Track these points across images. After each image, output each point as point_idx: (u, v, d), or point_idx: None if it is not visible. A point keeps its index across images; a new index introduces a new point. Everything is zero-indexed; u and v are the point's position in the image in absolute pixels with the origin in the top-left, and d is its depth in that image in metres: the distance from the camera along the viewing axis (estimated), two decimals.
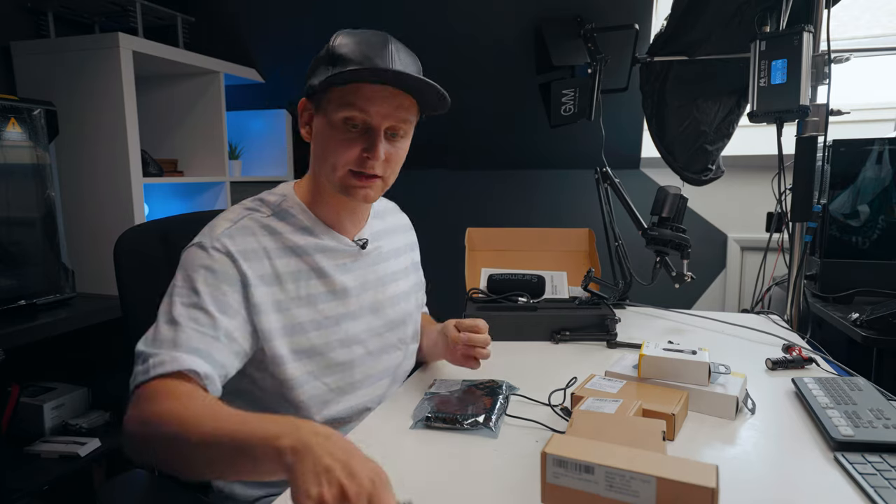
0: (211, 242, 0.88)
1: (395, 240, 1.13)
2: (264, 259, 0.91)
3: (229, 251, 0.87)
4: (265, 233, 0.93)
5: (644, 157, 2.38)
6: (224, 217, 0.93)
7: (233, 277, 0.87)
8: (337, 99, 0.89)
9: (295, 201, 0.98)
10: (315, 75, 0.92)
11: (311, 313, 0.94)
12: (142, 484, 0.96)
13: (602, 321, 1.32)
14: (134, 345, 0.84)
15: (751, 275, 2.28)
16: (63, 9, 1.94)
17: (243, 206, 0.97)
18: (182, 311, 0.82)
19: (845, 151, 1.75)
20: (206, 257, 0.87)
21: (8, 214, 1.59)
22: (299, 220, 0.96)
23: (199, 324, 0.82)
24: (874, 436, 0.79)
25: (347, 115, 0.89)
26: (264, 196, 0.99)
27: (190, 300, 0.84)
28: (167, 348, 0.79)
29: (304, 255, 0.95)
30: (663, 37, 1.76)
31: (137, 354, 0.81)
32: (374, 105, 0.88)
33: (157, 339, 0.81)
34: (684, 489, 0.57)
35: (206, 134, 2.23)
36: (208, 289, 0.85)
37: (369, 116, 0.89)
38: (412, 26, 2.07)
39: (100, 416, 1.85)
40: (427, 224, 1.20)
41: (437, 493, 0.73)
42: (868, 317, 1.44)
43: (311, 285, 0.95)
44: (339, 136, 0.90)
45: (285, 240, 0.94)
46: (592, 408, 0.84)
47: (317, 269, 0.96)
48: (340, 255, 0.99)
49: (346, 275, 0.99)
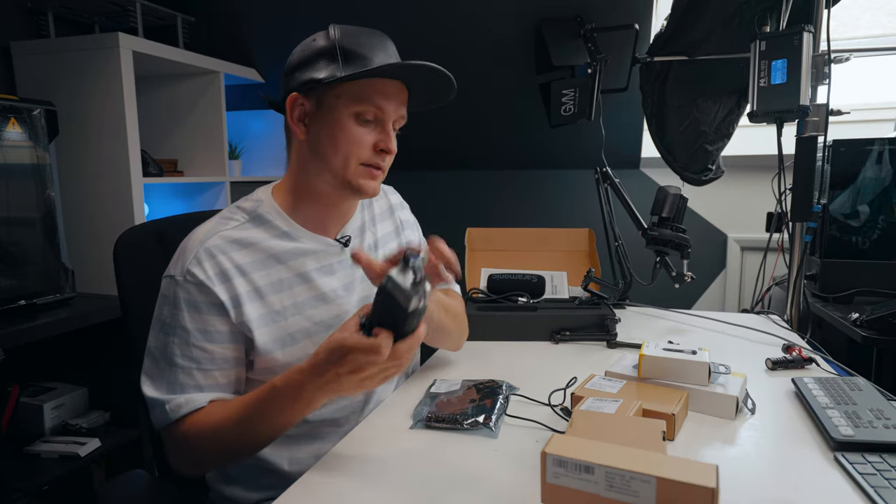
0: (182, 274, 0.87)
1: (383, 226, 1.09)
2: (239, 277, 0.89)
3: (200, 281, 0.86)
4: (237, 248, 0.90)
5: (644, 157, 2.38)
6: (195, 236, 0.90)
7: (211, 305, 0.87)
8: (349, 94, 0.88)
9: (272, 206, 0.94)
10: (315, 70, 0.88)
11: (300, 321, 0.92)
12: (142, 484, 0.97)
13: (602, 321, 1.32)
14: (135, 345, 0.85)
15: (751, 275, 2.28)
16: (63, 9, 1.94)
17: (217, 218, 0.94)
18: (177, 351, 0.86)
19: (845, 151, 1.75)
20: (182, 292, 0.87)
21: (8, 214, 1.59)
22: (276, 225, 0.93)
23: (198, 362, 0.86)
24: (874, 436, 0.79)
25: (361, 109, 0.88)
26: (240, 203, 0.96)
27: (181, 338, 0.86)
28: (178, 392, 0.86)
29: (284, 261, 0.93)
30: (663, 37, 1.76)
31: (149, 401, 0.87)
32: (388, 100, 0.89)
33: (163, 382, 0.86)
34: (684, 489, 0.57)
35: (206, 134, 2.23)
36: (194, 324, 0.86)
37: (383, 111, 0.89)
38: (412, 26, 2.07)
39: (100, 416, 1.85)
40: (427, 224, 1.20)
41: (436, 492, 0.73)
42: (868, 317, 1.44)
43: (296, 293, 0.93)
44: (351, 132, 0.89)
45: (262, 249, 0.91)
46: (592, 408, 0.84)
47: (300, 274, 0.93)
48: (323, 257, 0.96)
49: (331, 276, 0.96)
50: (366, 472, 0.79)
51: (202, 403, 0.85)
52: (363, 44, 0.89)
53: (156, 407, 0.86)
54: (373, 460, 0.82)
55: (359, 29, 0.91)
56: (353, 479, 0.77)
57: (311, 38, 0.92)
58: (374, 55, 0.88)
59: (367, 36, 0.91)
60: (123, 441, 1.79)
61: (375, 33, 0.92)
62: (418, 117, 1.00)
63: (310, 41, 0.91)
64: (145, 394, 0.87)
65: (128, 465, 1.85)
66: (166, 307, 0.88)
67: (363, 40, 0.89)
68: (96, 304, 1.71)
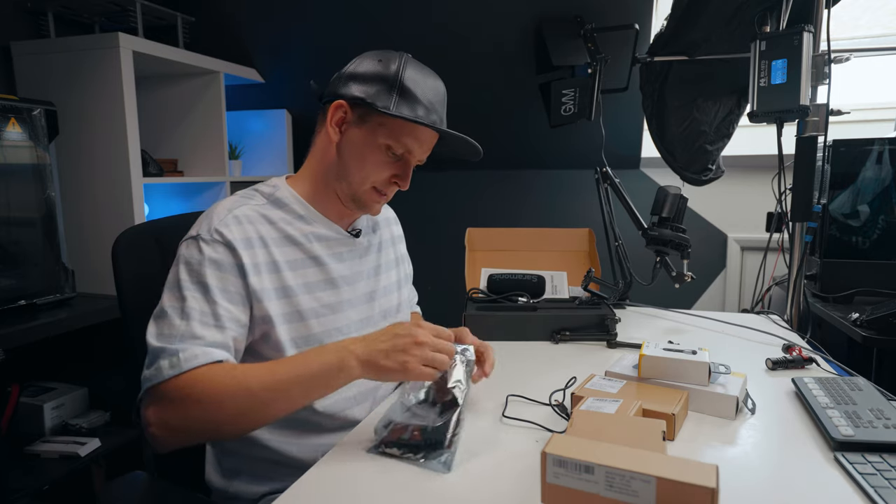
0: (210, 234, 0.88)
1: (383, 232, 1.16)
2: (262, 247, 0.92)
3: (227, 241, 0.88)
4: (263, 221, 0.94)
5: (644, 157, 2.38)
6: (221, 206, 0.94)
7: (234, 266, 0.88)
8: (390, 127, 0.93)
9: (289, 191, 0.99)
10: (370, 90, 0.92)
11: (309, 301, 0.95)
12: (142, 485, 0.96)
13: (602, 321, 1.32)
14: (134, 345, 0.84)
15: (751, 275, 2.28)
16: (63, 9, 1.94)
17: (239, 195, 0.98)
18: (195, 306, 0.84)
19: (845, 151, 1.75)
20: (208, 249, 0.87)
21: (8, 214, 1.59)
22: (293, 209, 0.98)
23: (215, 317, 0.84)
24: (874, 436, 0.79)
25: (394, 144, 0.94)
26: (257, 186, 1.01)
27: (201, 294, 0.85)
28: (189, 342, 0.81)
29: (300, 243, 0.97)
30: (663, 37, 1.76)
31: (156, 351, 0.81)
32: (420, 146, 0.97)
33: (174, 333, 0.82)
34: (684, 489, 0.57)
35: (206, 134, 2.23)
36: (217, 282, 0.86)
37: (412, 154, 0.97)
38: (412, 26, 2.07)
39: (100, 416, 1.85)
40: (427, 224, 1.21)
41: (436, 492, 0.73)
42: (868, 317, 1.44)
43: (308, 273, 0.97)
44: (377, 158, 0.95)
45: (281, 228, 0.95)
46: (592, 408, 0.84)
47: (313, 257, 0.98)
48: (335, 244, 1.01)
49: (341, 264, 1.01)
50: (375, 463, 0.79)
51: (218, 357, 0.81)
52: (420, 84, 0.94)
53: (163, 356, 0.80)
54: (380, 454, 0.81)
55: (422, 67, 0.96)
56: (362, 471, 0.77)
57: (380, 54, 0.95)
58: (424, 101, 0.94)
59: (430, 78, 0.96)
60: (123, 441, 1.79)
61: (434, 77, 0.98)
62: None
63: (377, 59, 0.95)
64: (151, 344, 0.82)
65: (128, 466, 1.85)
66: (185, 267, 0.87)
67: (422, 81, 0.94)
68: (96, 304, 1.71)
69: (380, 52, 0.96)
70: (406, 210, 1.27)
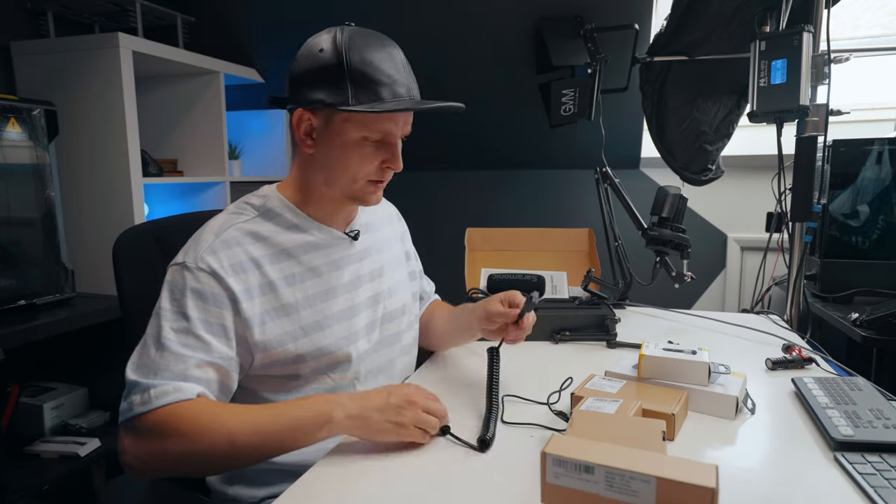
0: (195, 262, 0.85)
1: (385, 230, 1.13)
2: (255, 269, 0.89)
3: (213, 270, 0.85)
4: (252, 240, 0.91)
5: (644, 157, 2.38)
6: (209, 228, 0.91)
7: (221, 297, 0.85)
8: (359, 120, 0.88)
9: (280, 200, 0.95)
10: (322, 90, 0.86)
11: (311, 315, 0.93)
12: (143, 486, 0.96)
13: (602, 321, 1.32)
14: (134, 345, 0.84)
15: (751, 275, 2.28)
16: (63, 9, 1.94)
17: (228, 212, 0.95)
18: (172, 337, 0.81)
19: (845, 151, 1.75)
20: (191, 279, 0.85)
21: (8, 214, 1.59)
22: (286, 218, 0.94)
23: (193, 350, 0.82)
24: (874, 436, 0.79)
25: (369, 134, 0.89)
26: (247, 198, 0.97)
27: (180, 325, 0.83)
28: (166, 378, 0.79)
29: (296, 255, 0.94)
30: (663, 37, 1.76)
31: (130, 384, 0.80)
32: (397, 125, 0.91)
33: (151, 366, 0.80)
34: (684, 489, 0.57)
35: (206, 134, 2.23)
36: (198, 313, 0.83)
37: (391, 134, 0.91)
38: (412, 26, 2.07)
39: (99, 416, 1.85)
40: (427, 224, 1.21)
41: (436, 492, 0.73)
42: (868, 317, 1.44)
43: (308, 286, 0.94)
44: (359, 153, 0.90)
45: (274, 243, 0.92)
46: (592, 408, 0.84)
47: (311, 268, 0.95)
48: (333, 251, 0.98)
49: (341, 271, 0.98)
50: (373, 466, 0.79)
51: (190, 395, 0.79)
52: (371, 63, 0.86)
53: (136, 391, 0.79)
54: (379, 455, 0.81)
55: (366, 39, 0.88)
56: (360, 474, 0.77)
57: (316, 40, 0.89)
58: (382, 79, 0.86)
59: (378, 49, 0.88)
60: None
61: (383, 45, 0.89)
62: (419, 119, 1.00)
63: (315, 47, 0.88)
64: (128, 377, 0.81)
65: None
66: (168, 295, 0.85)
67: (371, 57, 0.86)
68: (96, 304, 1.72)
69: (316, 40, 0.89)
70: (406, 210, 1.26)
